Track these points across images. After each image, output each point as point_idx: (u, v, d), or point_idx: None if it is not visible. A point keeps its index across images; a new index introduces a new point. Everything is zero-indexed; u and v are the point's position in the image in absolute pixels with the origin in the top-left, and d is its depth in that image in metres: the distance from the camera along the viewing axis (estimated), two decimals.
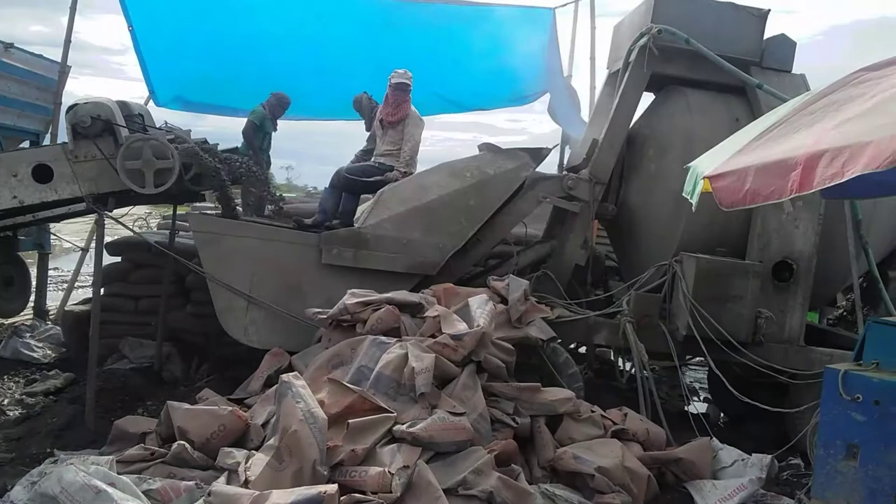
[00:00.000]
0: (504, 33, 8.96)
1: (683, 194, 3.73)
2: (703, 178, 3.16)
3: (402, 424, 3.80)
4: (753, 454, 4.62)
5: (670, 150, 5.91)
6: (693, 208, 3.61)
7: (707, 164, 3.40)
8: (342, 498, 3.23)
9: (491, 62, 9.03)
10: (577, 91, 9.38)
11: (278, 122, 8.03)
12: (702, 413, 6.36)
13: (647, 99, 6.46)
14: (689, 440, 4.90)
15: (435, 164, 6.16)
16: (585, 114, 8.85)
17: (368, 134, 7.24)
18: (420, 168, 6.51)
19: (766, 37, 6.05)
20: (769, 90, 5.61)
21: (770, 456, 4.58)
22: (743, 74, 5.73)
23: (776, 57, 6.03)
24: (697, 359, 7.24)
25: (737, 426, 6.17)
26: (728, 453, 4.68)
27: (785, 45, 6.07)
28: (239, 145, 7.47)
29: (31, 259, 9.11)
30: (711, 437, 4.90)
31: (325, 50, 8.54)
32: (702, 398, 7.26)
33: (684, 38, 5.67)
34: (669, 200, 5.77)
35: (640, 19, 6.04)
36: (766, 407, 5.01)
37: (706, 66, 5.79)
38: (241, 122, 7.85)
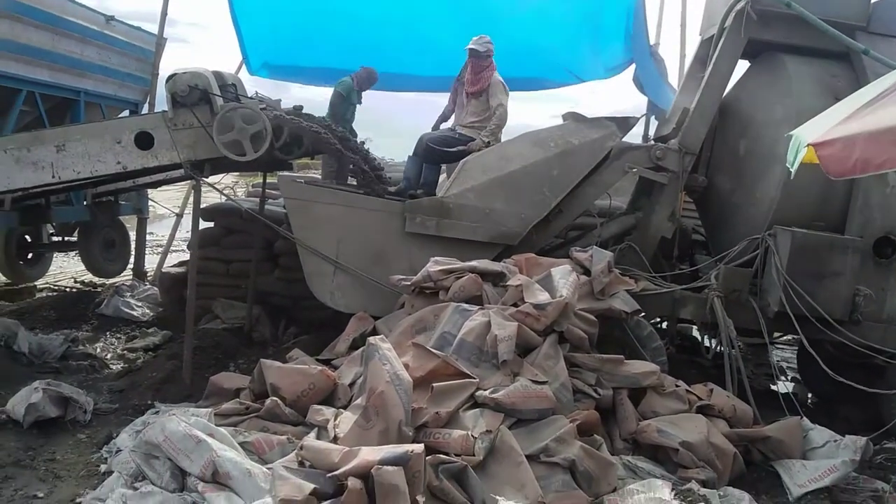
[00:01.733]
0: (589, 4, 8.74)
1: (786, 164, 3.59)
2: (808, 145, 3.03)
3: (485, 390, 3.84)
4: (847, 436, 4.46)
5: (767, 119, 5.67)
6: (791, 176, 3.46)
7: (811, 132, 3.25)
8: (427, 458, 3.30)
9: (575, 32, 8.83)
10: (664, 60, 9.10)
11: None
12: (791, 392, 6.17)
13: (740, 67, 6.21)
14: (775, 419, 4.76)
15: (514, 134, 6.11)
16: (674, 83, 8.57)
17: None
18: (502, 138, 6.46)
19: (873, 0, 5.71)
20: (876, 56, 5.29)
21: (865, 438, 4.41)
22: (848, 39, 5.41)
23: (884, 21, 5.70)
24: (784, 337, 7.02)
25: (826, 407, 5.96)
26: (819, 434, 4.53)
27: (894, 9, 5.70)
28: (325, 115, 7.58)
29: (129, 223, 9.61)
30: (802, 417, 4.74)
31: (415, 14, 8.48)
32: (789, 378, 7.03)
33: (785, 2, 5.39)
34: (764, 172, 5.57)
35: None
36: (863, 388, 4.81)
37: (807, 31, 5.50)
38: (324, 93, 7.95)
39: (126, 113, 8.74)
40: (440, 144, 6.28)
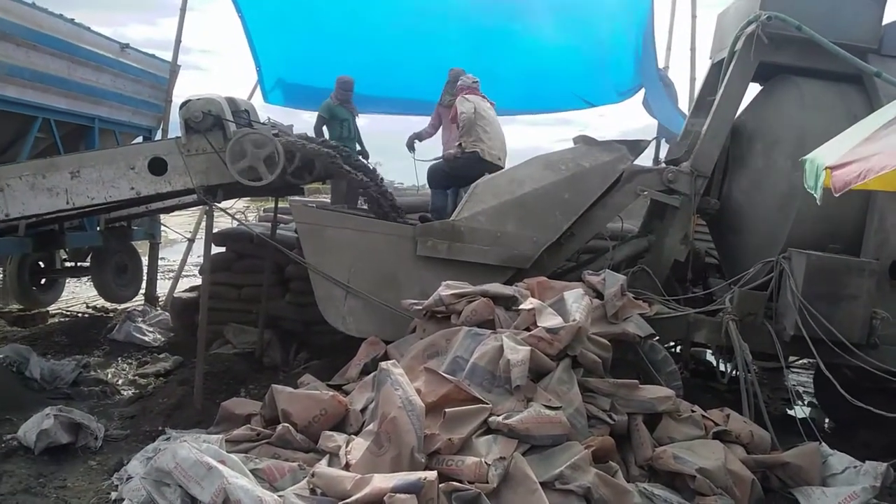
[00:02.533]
0: (599, 28, 8.80)
1: (806, 188, 3.56)
2: (825, 168, 3.00)
3: (498, 416, 3.79)
4: (867, 461, 4.37)
5: (780, 142, 5.65)
6: (818, 201, 3.42)
7: (828, 155, 3.23)
8: (440, 485, 3.26)
9: (585, 57, 8.89)
10: (674, 83, 9.13)
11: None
12: (808, 417, 6.07)
13: (751, 90, 6.21)
14: (793, 445, 4.67)
15: (525, 158, 6.14)
16: (684, 107, 8.59)
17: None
18: (512, 162, 6.51)
19: (884, 22, 5.70)
20: (888, 79, 5.28)
21: (886, 464, 4.32)
22: (860, 62, 5.40)
23: None
24: (801, 361, 6.92)
25: (844, 432, 5.84)
26: (839, 459, 4.43)
27: None
28: None
29: (141, 248, 9.66)
30: (820, 442, 4.66)
31: (428, 38, 8.58)
32: (806, 402, 6.93)
33: (796, 25, 5.40)
34: (777, 195, 5.54)
35: (748, 6, 5.80)
36: (882, 412, 4.72)
37: (818, 54, 5.50)
38: None
39: (140, 139, 8.83)
40: (431, 174, 6.79)
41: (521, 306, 4.70)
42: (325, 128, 7.90)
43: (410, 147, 7.75)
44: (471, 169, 6.43)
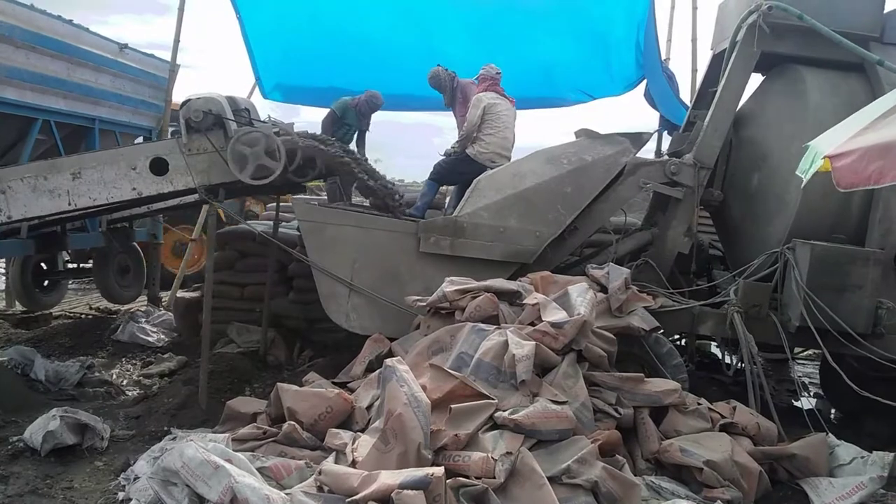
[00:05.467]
0: (600, 20, 8.76)
1: (797, 172, 3.54)
2: (823, 157, 2.99)
3: (504, 411, 3.79)
4: (874, 451, 4.37)
5: (783, 132, 5.63)
6: (802, 185, 3.41)
7: (827, 143, 3.22)
8: (447, 481, 3.25)
9: (586, 51, 8.85)
10: (675, 74, 9.08)
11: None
12: (815, 408, 6.06)
13: (753, 80, 6.18)
14: (799, 436, 4.67)
15: (527, 152, 6.12)
16: (685, 98, 8.55)
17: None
18: (514, 157, 6.48)
19: (886, 10, 5.68)
20: (890, 67, 5.24)
21: (893, 454, 4.31)
22: (861, 50, 5.36)
23: None
24: (806, 352, 6.91)
25: (850, 423, 5.84)
26: (846, 450, 4.43)
27: None
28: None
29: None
30: (827, 433, 4.65)
31: (427, 35, 8.54)
32: (812, 393, 6.92)
33: (798, 14, 5.37)
34: (781, 185, 5.52)
35: None
36: (889, 402, 4.71)
37: (820, 43, 5.47)
38: None
39: (140, 139, 8.81)
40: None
41: (526, 301, 4.70)
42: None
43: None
44: (459, 167, 6.44)
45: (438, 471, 3.16)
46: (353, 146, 7.89)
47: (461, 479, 3.32)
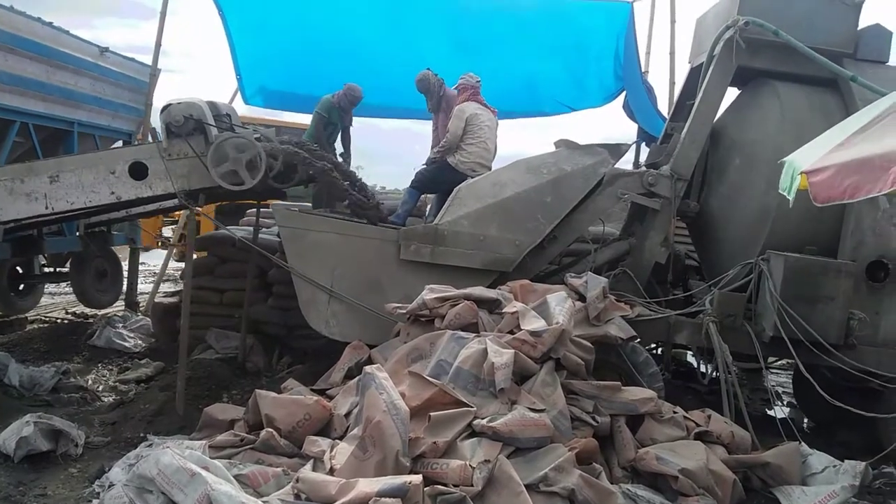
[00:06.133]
0: (580, 32, 8.86)
1: (780, 190, 3.62)
2: (801, 173, 3.06)
3: (483, 419, 3.81)
4: (846, 460, 4.45)
5: (758, 145, 5.73)
6: (790, 204, 3.49)
7: (804, 158, 3.29)
8: (425, 489, 3.27)
9: (565, 63, 8.94)
10: (654, 87, 9.20)
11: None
12: (788, 417, 6.15)
13: (729, 94, 6.28)
14: (773, 445, 4.73)
15: (507, 162, 6.17)
16: (664, 110, 8.66)
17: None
18: (495, 166, 6.53)
19: (860, 27, 5.81)
20: (864, 83, 5.36)
21: (864, 463, 4.40)
22: (836, 66, 5.49)
23: (871, 48, 5.79)
24: (780, 362, 7.00)
25: (823, 432, 5.94)
26: (818, 459, 4.51)
27: (881, 36, 5.82)
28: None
29: (122, 254, 9.56)
30: (800, 442, 4.73)
31: (409, 45, 8.59)
32: (785, 402, 7.02)
33: (773, 30, 5.49)
34: (756, 197, 5.62)
35: (726, 11, 5.89)
36: (860, 412, 4.80)
37: (796, 59, 5.59)
38: None
39: (119, 144, 8.74)
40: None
41: (505, 309, 4.73)
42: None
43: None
44: (440, 176, 6.50)
45: (416, 478, 3.17)
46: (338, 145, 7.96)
47: (439, 486, 3.34)
